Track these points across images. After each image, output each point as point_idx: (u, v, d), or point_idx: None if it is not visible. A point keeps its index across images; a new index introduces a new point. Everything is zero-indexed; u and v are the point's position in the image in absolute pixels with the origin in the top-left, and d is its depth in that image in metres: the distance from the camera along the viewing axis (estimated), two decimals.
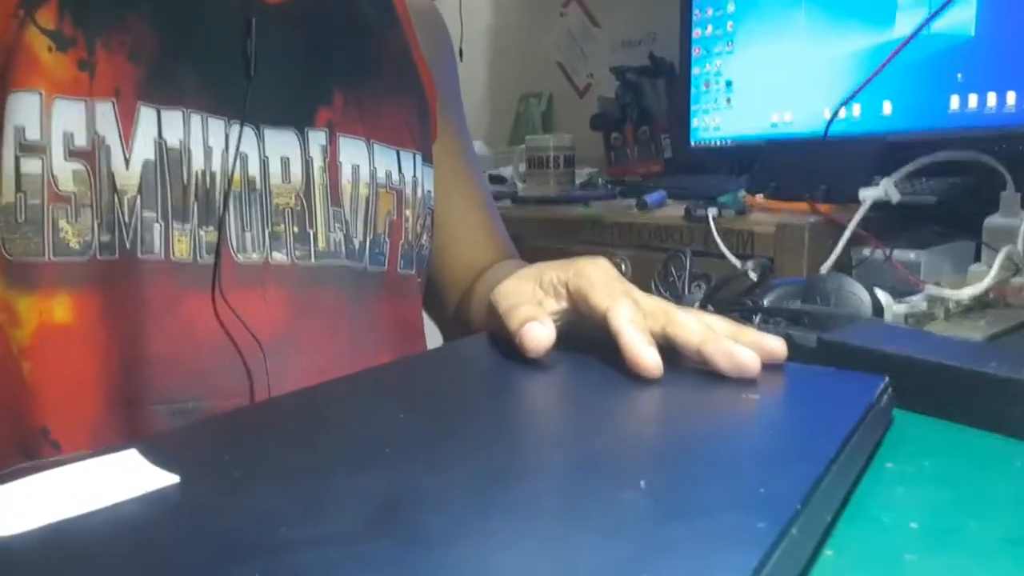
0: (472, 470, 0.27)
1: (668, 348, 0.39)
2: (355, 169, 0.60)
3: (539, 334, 0.40)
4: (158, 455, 0.27)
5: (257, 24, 0.56)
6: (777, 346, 0.38)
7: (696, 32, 1.29)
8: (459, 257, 0.73)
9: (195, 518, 0.24)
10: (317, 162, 0.58)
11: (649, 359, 0.37)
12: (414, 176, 0.65)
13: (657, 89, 1.46)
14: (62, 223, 0.50)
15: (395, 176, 0.63)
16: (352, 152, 0.60)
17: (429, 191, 0.68)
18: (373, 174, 0.61)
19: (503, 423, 0.33)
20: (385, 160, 0.63)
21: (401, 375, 0.42)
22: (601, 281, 0.43)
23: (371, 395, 0.37)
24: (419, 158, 0.66)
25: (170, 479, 0.26)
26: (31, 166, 0.49)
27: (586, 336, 0.43)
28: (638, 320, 0.39)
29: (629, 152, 1.49)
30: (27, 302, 0.50)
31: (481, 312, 0.64)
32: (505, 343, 0.45)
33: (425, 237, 0.67)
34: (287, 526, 0.22)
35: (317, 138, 0.58)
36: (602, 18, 1.83)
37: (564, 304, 0.45)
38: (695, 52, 1.29)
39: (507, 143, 1.93)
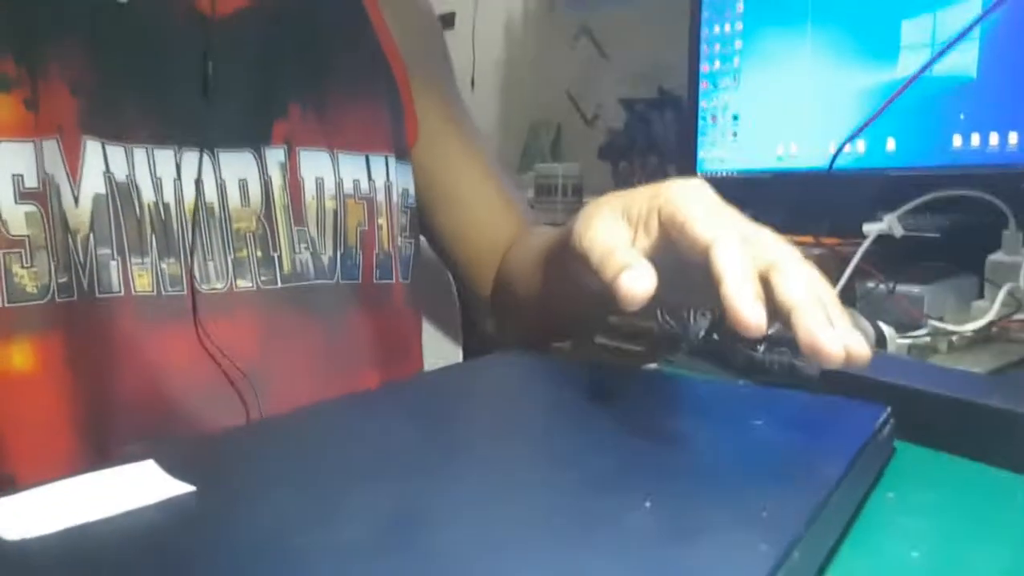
0: (480, 487, 0.27)
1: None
2: (319, 183, 0.58)
3: (635, 285, 0.34)
4: (175, 466, 0.28)
5: (203, 42, 0.53)
6: (862, 355, 0.31)
7: (704, 67, 1.30)
8: (482, 236, 0.69)
9: (211, 526, 0.24)
10: (276, 181, 0.56)
11: (752, 317, 0.31)
12: (387, 180, 0.62)
13: (664, 121, 1.48)
14: (16, 268, 0.48)
15: (364, 184, 0.60)
16: (314, 165, 0.58)
17: (406, 190, 0.64)
18: (339, 185, 0.59)
19: (510, 441, 0.34)
20: (352, 168, 0.60)
21: (412, 393, 0.43)
22: (698, 208, 0.37)
23: (384, 411, 0.38)
24: (391, 159, 0.62)
25: (186, 488, 0.26)
26: None
27: (595, 355, 0.43)
28: (745, 265, 0.33)
29: (636, 182, 1.50)
30: None
31: (523, 293, 0.61)
32: (512, 363, 0.46)
33: (402, 240, 0.64)
34: (302, 535, 0.23)
35: (275, 155, 0.56)
36: (611, 51, 1.85)
37: (656, 237, 0.39)
38: (702, 86, 1.31)
39: (516, 171, 1.95)
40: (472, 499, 0.26)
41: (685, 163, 1.37)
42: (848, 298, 0.71)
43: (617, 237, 0.39)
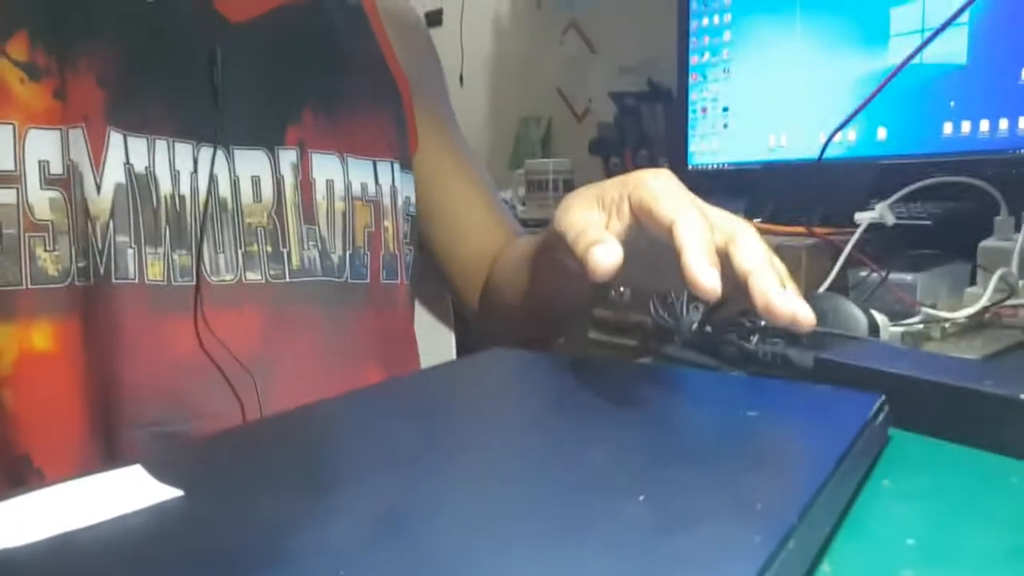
0: (474, 483, 0.27)
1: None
2: (329, 184, 0.60)
3: (602, 257, 0.38)
4: (163, 470, 0.28)
5: (222, 47, 0.56)
6: (808, 319, 0.35)
7: (693, 59, 1.30)
8: (473, 247, 0.73)
9: (200, 529, 0.24)
10: (288, 180, 0.58)
11: (707, 281, 0.35)
12: (392, 185, 0.65)
13: (655, 114, 1.48)
14: (39, 251, 0.50)
15: (371, 188, 0.63)
16: (325, 167, 0.60)
17: (408, 197, 0.67)
18: (348, 188, 0.61)
19: (504, 437, 0.34)
20: (360, 172, 0.62)
21: (402, 392, 0.42)
22: (664, 192, 0.40)
23: (373, 410, 0.37)
24: (396, 166, 0.65)
25: (174, 493, 0.26)
26: (5, 196, 0.49)
27: (589, 350, 0.43)
28: (705, 237, 0.37)
29: None
30: (6, 332, 0.50)
31: (512, 291, 0.64)
32: (504, 360, 0.46)
33: (409, 245, 0.67)
34: (291, 538, 0.23)
35: (288, 156, 0.58)
36: (600, 45, 1.85)
37: (628, 220, 0.42)
38: (692, 78, 1.31)
39: (507, 167, 1.95)
40: (465, 495, 0.26)
41: (676, 156, 1.37)
42: (841, 287, 0.71)
43: (590, 219, 0.43)
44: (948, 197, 0.88)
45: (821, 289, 0.69)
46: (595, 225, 0.42)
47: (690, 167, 1.33)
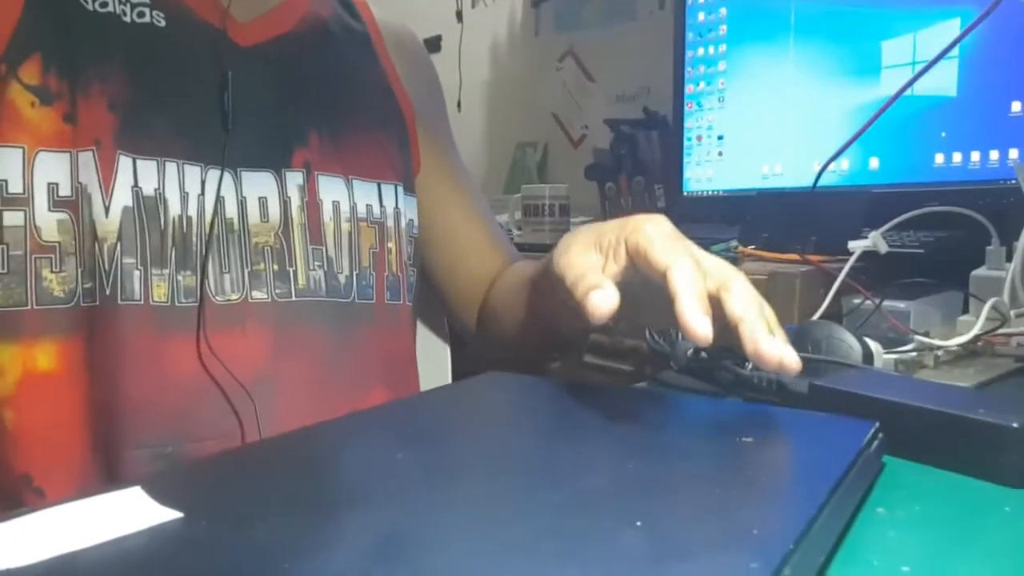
0: (470, 508, 0.27)
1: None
2: (335, 205, 0.61)
3: (600, 302, 0.40)
4: (162, 492, 0.28)
5: (232, 69, 0.57)
6: (793, 366, 0.38)
7: (689, 88, 1.32)
8: (471, 271, 0.74)
9: (198, 552, 0.24)
10: (295, 201, 0.59)
11: (699, 329, 0.36)
12: (396, 207, 0.65)
13: (651, 141, 1.49)
14: (45, 272, 0.50)
15: (376, 209, 0.64)
16: (331, 189, 0.61)
17: (412, 220, 0.68)
18: (353, 209, 0.62)
19: (501, 463, 0.34)
20: (365, 194, 0.63)
21: (400, 415, 0.42)
22: (660, 238, 0.42)
23: (372, 433, 0.38)
24: (400, 189, 0.66)
25: (174, 515, 0.26)
26: (13, 218, 0.50)
27: (584, 374, 0.44)
28: (698, 284, 0.39)
29: (623, 202, 1.52)
30: (10, 351, 0.50)
31: (509, 316, 0.65)
32: (501, 385, 0.46)
33: (411, 266, 0.68)
34: (289, 561, 0.23)
35: (294, 178, 0.59)
36: (597, 73, 1.87)
37: (624, 263, 0.44)
38: (688, 107, 1.32)
39: (503, 191, 1.96)
40: (462, 520, 0.26)
41: (671, 183, 1.38)
42: (835, 314, 0.71)
43: (588, 262, 0.44)
44: (940, 226, 0.89)
45: (815, 317, 0.70)
46: (593, 268, 0.43)
47: (685, 194, 1.34)
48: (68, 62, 0.52)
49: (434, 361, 0.84)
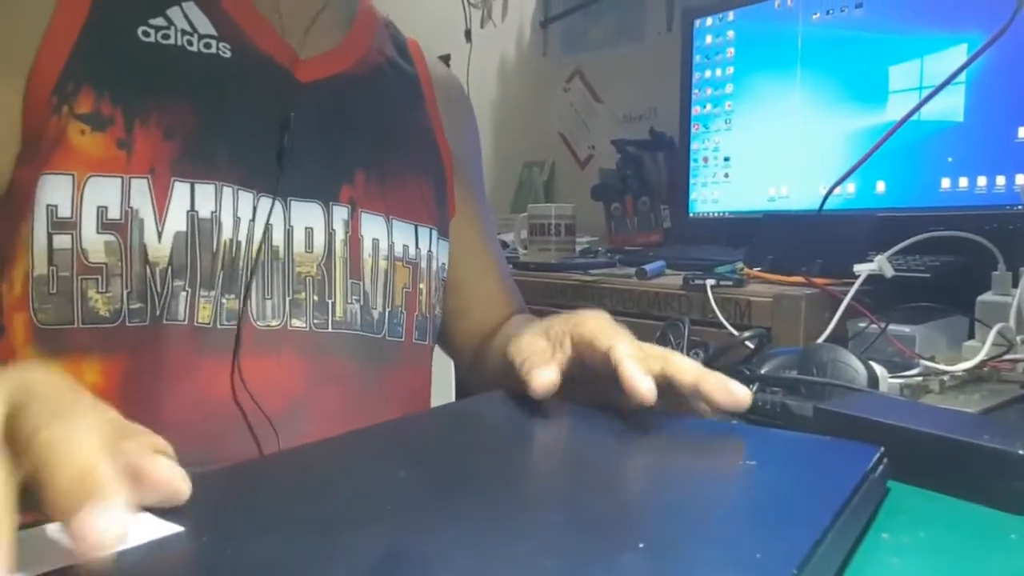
0: (474, 528, 0.27)
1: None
2: (375, 243, 0.62)
3: (544, 378, 0.44)
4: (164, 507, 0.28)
5: (290, 103, 0.59)
6: (743, 395, 0.41)
7: (696, 110, 1.33)
8: (476, 318, 0.76)
9: (198, 567, 0.24)
10: (339, 235, 0.60)
11: (644, 386, 0.40)
12: (429, 250, 0.67)
13: (657, 162, 1.49)
14: (91, 292, 0.51)
15: (412, 250, 0.65)
16: (372, 227, 0.62)
17: (443, 264, 0.70)
18: (391, 248, 0.63)
19: (504, 482, 0.34)
20: (403, 235, 0.65)
21: (403, 433, 0.42)
22: (601, 328, 0.47)
23: (374, 451, 0.37)
24: (435, 233, 0.68)
25: (175, 529, 0.26)
26: (62, 242, 0.51)
27: (586, 401, 0.44)
28: (637, 355, 0.42)
29: (629, 222, 1.52)
30: (58, 366, 0.50)
31: (496, 364, 0.66)
32: (506, 403, 0.46)
33: (438, 308, 0.69)
34: None
35: (340, 213, 0.61)
36: (604, 94, 1.88)
37: (570, 353, 0.48)
38: (694, 128, 1.33)
39: (510, 210, 1.96)
40: (462, 538, 0.26)
41: (677, 204, 1.38)
42: (840, 338, 0.71)
43: (536, 347, 0.49)
44: (946, 251, 0.89)
45: (820, 340, 0.70)
46: (539, 352, 0.48)
47: (691, 215, 1.34)
48: (123, 91, 0.53)
49: (438, 373, 0.84)
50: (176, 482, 0.28)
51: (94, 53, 0.53)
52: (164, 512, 0.27)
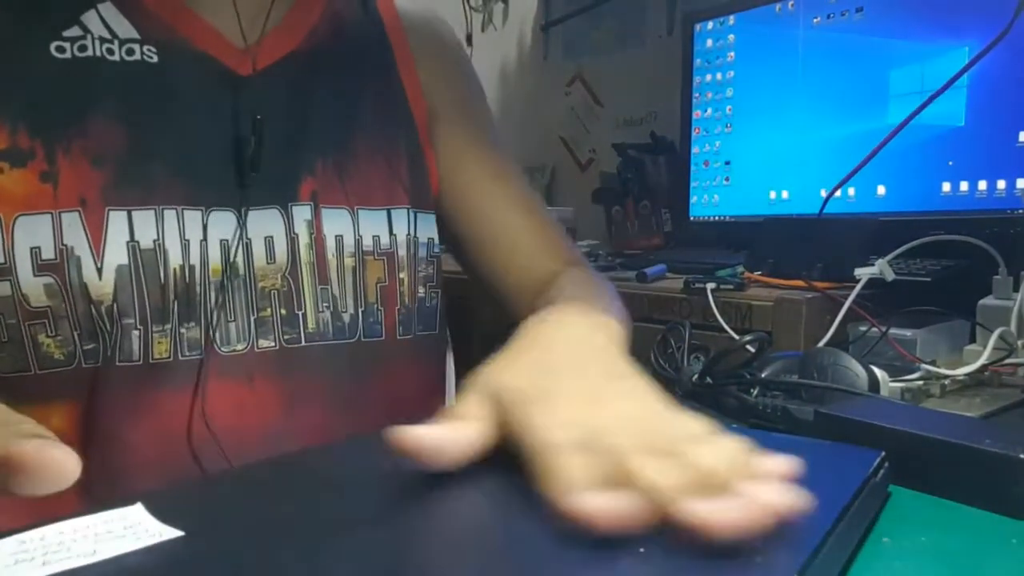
0: (470, 531, 0.27)
1: None
2: (338, 240, 0.57)
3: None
4: (163, 511, 0.28)
5: (234, 101, 0.53)
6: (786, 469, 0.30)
7: (696, 113, 1.33)
8: (524, 273, 0.67)
9: (198, 571, 0.24)
10: (303, 239, 0.55)
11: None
12: (408, 233, 0.61)
13: (658, 165, 1.49)
14: (41, 337, 0.49)
15: (384, 240, 0.59)
16: (335, 224, 0.57)
17: (431, 239, 0.63)
18: (358, 243, 0.58)
19: (500, 484, 0.34)
20: (372, 225, 0.59)
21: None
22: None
23: (372, 457, 0.37)
24: (412, 211, 0.61)
25: (174, 533, 0.26)
26: (1, 289, 0.48)
27: None
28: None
29: (630, 226, 1.52)
30: (27, 415, 0.49)
31: None
32: None
33: (426, 291, 0.63)
34: None
35: (302, 213, 0.56)
36: (605, 97, 1.88)
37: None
38: (695, 132, 1.33)
39: None
40: (462, 543, 0.26)
41: (678, 207, 1.38)
42: (840, 341, 0.71)
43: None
44: (947, 255, 0.89)
45: (821, 343, 0.70)
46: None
47: (691, 218, 1.34)
48: (40, 120, 0.49)
49: None
50: (48, 461, 0.27)
51: (3, 81, 0.49)
52: (164, 517, 0.27)
